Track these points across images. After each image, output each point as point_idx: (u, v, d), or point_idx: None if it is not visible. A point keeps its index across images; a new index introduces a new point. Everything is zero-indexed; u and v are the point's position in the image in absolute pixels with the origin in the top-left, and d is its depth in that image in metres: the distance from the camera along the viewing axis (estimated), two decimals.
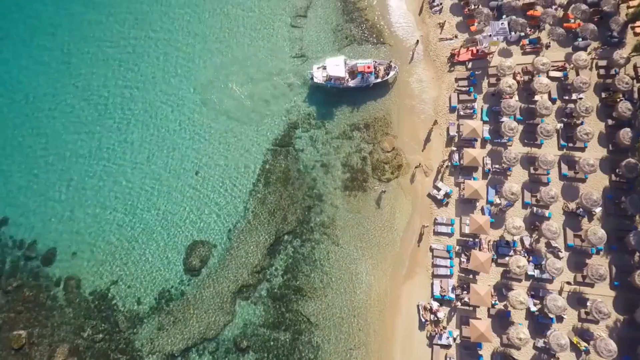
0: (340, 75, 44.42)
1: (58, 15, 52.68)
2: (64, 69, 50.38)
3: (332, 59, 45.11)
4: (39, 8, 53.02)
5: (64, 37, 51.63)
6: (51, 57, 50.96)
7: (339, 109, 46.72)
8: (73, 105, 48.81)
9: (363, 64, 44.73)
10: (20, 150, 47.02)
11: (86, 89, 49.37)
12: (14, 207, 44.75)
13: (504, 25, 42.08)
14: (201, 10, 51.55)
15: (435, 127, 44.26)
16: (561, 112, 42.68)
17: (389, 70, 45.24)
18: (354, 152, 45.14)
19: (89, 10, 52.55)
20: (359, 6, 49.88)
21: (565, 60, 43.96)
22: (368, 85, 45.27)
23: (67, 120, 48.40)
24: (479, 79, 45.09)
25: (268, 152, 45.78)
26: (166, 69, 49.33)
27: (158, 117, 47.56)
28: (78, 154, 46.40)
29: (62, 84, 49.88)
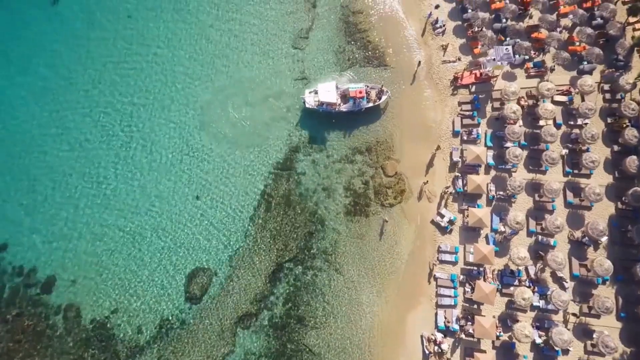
0: (332, 100, 44.12)
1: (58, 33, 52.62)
2: (67, 86, 50.07)
3: (324, 84, 44.83)
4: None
5: (63, 58, 51.43)
6: (52, 74, 50.74)
7: (341, 132, 46.25)
8: (71, 129, 48.54)
9: (355, 88, 44.30)
10: (20, 177, 46.65)
11: (84, 114, 49.06)
12: (14, 233, 44.36)
13: (508, 51, 41.56)
14: (199, 33, 51.05)
15: (438, 152, 43.77)
16: (566, 138, 42.13)
17: (381, 94, 44.82)
18: (356, 176, 44.67)
19: (91, 29, 52.37)
20: (361, 28, 49.40)
21: (570, 85, 43.46)
22: (360, 110, 44.88)
23: (68, 144, 48.11)
24: (483, 102, 44.59)
25: (269, 175, 45.35)
26: (165, 92, 48.88)
27: (156, 141, 47.07)
28: (77, 181, 46.00)
29: (64, 101, 49.59)
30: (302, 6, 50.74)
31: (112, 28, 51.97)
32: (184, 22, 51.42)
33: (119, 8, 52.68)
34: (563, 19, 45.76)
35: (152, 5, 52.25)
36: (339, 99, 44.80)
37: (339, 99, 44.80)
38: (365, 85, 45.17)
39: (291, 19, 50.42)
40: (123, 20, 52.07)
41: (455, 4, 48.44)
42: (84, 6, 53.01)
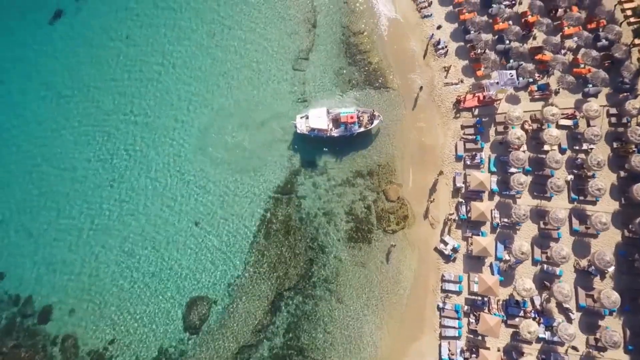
0: (322, 127, 43.66)
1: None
2: (64, 109, 49.62)
3: (315, 110, 44.40)
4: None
5: (62, 77, 50.88)
6: (50, 94, 50.29)
7: (342, 155, 45.55)
8: (68, 155, 48.02)
9: (346, 113, 43.72)
10: (18, 202, 46.10)
11: (79, 140, 48.53)
12: (10, 261, 43.76)
13: (512, 76, 40.84)
14: (198, 55, 50.36)
15: (441, 177, 43.04)
16: (571, 163, 41.38)
17: (373, 119, 44.16)
18: (358, 201, 43.98)
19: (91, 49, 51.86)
20: (362, 49, 48.72)
21: (575, 108, 42.73)
22: (352, 135, 44.29)
23: (64, 165, 47.62)
24: (486, 126, 43.87)
25: (269, 200, 44.66)
26: (163, 114, 48.28)
27: (154, 165, 46.47)
28: (75, 209, 45.43)
29: (59, 128, 49.08)
30: (302, 27, 50.08)
31: (111, 48, 51.39)
32: (182, 44, 50.74)
33: (117, 28, 52.09)
34: (567, 40, 45.12)
35: (150, 27, 51.59)
36: (331, 124, 44.25)
37: (331, 124, 44.25)
38: (357, 109, 44.57)
39: (291, 40, 49.77)
40: (121, 40, 51.45)
41: (457, 24, 47.75)
42: (82, 26, 52.45)
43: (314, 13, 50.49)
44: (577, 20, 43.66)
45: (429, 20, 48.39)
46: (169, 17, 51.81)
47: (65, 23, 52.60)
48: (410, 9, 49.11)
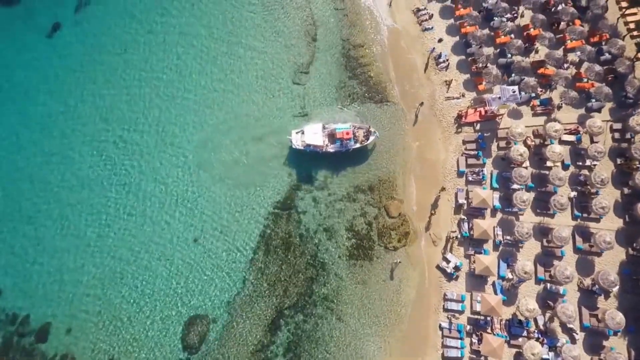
0: (318, 143, 43.41)
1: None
2: (65, 119, 49.24)
3: (310, 126, 44.10)
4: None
5: (59, 90, 50.49)
6: (47, 107, 49.84)
7: (342, 169, 45.11)
8: (71, 162, 47.71)
9: (342, 129, 43.41)
10: (17, 220, 45.72)
11: (82, 152, 48.09)
12: (7, 279, 43.30)
13: (514, 92, 40.39)
14: (196, 68, 49.88)
15: (443, 193, 42.57)
16: (575, 179, 40.88)
17: (369, 135, 43.82)
18: (359, 216, 43.51)
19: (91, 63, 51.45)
20: (362, 62, 48.29)
21: (578, 123, 42.26)
22: (348, 151, 43.96)
23: (64, 177, 47.23)
24: (488, 141, 43.41)
25: (269, 215, 44.16)
26: (163, 128, 47.82)
27: (152, 182, 45.95)
28: (75, 226, 44.95)
29: (59, 143, 48.66)
30: (302, 40, 49.68)
31: (109, 61, 50.98)
32: (181, 57, 50.29)
33: (116, 42, 51.67)
34: (570, 53, 44.67)
35: (150, 41, 51.16)
36: (326, 139, 43.95)
37: (326, 139, 43.95)
38: (352, 125, 44.20)
39: (291, 53, 49.34)
40: (120, 53, 51.06)
41: (459, 37, 47.33)
42: (81, 39, 52.02)
43: (314, 26, 50.09)
44: (580, 34, 43.19)
45: (430, 33, 47.96)
46: (168, 31, 51.33)
47: (63, 36, 52.14)
48: (411, 22, 48.69)
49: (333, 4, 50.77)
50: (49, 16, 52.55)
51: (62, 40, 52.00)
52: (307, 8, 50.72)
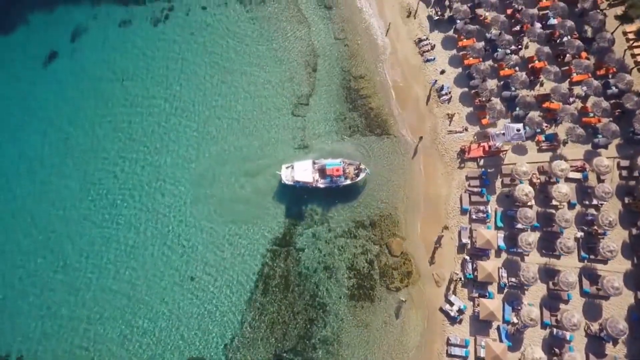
0: (307, 180, 42.58)
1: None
2: (63, 146, 48.34)
3: (301, 163, 43.28)
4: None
5: (54, 122, 49.64)
6: (42, 138, 48.91)
7: (342, 204, 44.13)
8: (61, 197, 46.74)
9: (332, 165, 42.65)
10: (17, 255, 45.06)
11: (76, 183, 47.16)
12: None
13: (519, 131, 39.39)
14: (194, 98, 48.93)
15: (446, 232, 41.54)
16: (581, 219, 39.80)
17: (359, 172, 42.96)
18: (360, 254, 42.50)
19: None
20: (363, 94, 47.31)
21: (585, 160, 41.24)
22: (338, 187, 43.13)
23: (57, 212, 46.32)
24: (492, 178, 42.38)
25: (267, 253, 43.13)
26: (158, 160, 46.78)
27: (147, 217, 44.91)
28: (65, 266, 44.07)
29: (56, 172, 47.74)
30: (302, 71, 48.76)
31: (107, 90, 50.05)
32: (180, 88, 49.36)
33: (113, 70, 50.79)
34: (576, 86, 43.70)
35: (147, 72, 50.20)
36: (317, 174, 43.18)
37: (317, 174, 43.18)
38: (343, 161, 43.36)
39: (291, 85, 48.41)
40: (118, 82, 50.17)
41: (461, 69, 46.38)
42: (78, 68, 51.10)
43: (314, 56, 49.18)
44: (586, 69, 42.21)
45: (432, 64, 47.02)
46: (167, 62, 50.41)
47: (59, 65, 51.25)
48: (413, 53, 47.74)
49: (333, 33, 49.86)
50: (45, 45, 51.58)
51: (58, 69, 51.06)
52: (307, 38, 49.82)
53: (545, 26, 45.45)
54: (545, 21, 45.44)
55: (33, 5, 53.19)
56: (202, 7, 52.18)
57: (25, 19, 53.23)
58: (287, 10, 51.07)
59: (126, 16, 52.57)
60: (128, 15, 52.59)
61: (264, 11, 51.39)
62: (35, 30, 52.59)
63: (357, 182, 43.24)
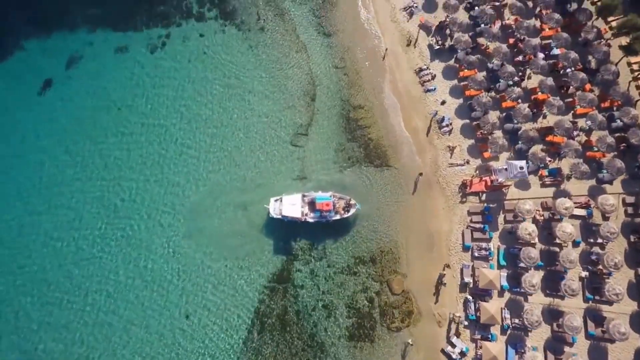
0: (296, 215, 41.67)
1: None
2: (58, 179, 47.60)
3: (289, 197, 42.35)
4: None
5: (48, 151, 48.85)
6: (36, 169, 48.15)
7: (342, 238, 43.31)
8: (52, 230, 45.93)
9: (322, 200, 41.67)
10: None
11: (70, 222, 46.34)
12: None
13: (522, 169, 38.44)
14: (190, 128, 48.14)
15: (448, 269, 40.55)
16: (586, 258, 38.87)
17: (349, 207, 42.08)
18: (360, 292, 41.55)
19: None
20: (362, 124, 46.45)
21: (589, 196, 40.33)
22: (328, 222, 42.18)
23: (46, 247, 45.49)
24: (494, 213, 41.46)
25: (264, 289, 42.20)
26: (153, 193, 46.03)
27: (143, 250, 44.06)
28: (54, 303, 43.25)
29: (53, 201, 46.98)
30: (301, 100, 47.93)
31: (103, 119, 49.20)
32: (177, 118, 48.52)
33: (109, 98, 49.94)
34: (580, 119, 42.81)
35: (145, 101, 49.32)
36: (307, 207, 42.22)
37: (307, 207, 42.22)
38: (333, 195, 42.45)
39: (290, 114, 47.59)
40: (113, 112, 49.37)
41: (462, 100, 45.50)
42: (73, 97, 50.32)
43: (313, 85, 48.37)
44: (590, 102, 41.32)
45: (433, 94, 46.16)
46: (163, 90, 49.60)
47: (54, 93, 50.52)
48: (413, 82, 46.87)
49: (332, 61, 49.05)
50: (40, 72, 50.96)
51: (53, 98, 50.37)
52: (306, 66, 49.00)
53: (548, 56, 44.61)
54: (548, 51, 44.60)
55: (29, 32, 52.54)
56: (199, 34, 51.42)
57: (20, 45, 52.69)
58: (286, 38, 50.29)
59: (122, 43, 51.84)
60: (124, 42, 51.86)
61: (262, 39, 50.60)
62: (30, 57, 51.97)
63: (347, 218, 42.32)
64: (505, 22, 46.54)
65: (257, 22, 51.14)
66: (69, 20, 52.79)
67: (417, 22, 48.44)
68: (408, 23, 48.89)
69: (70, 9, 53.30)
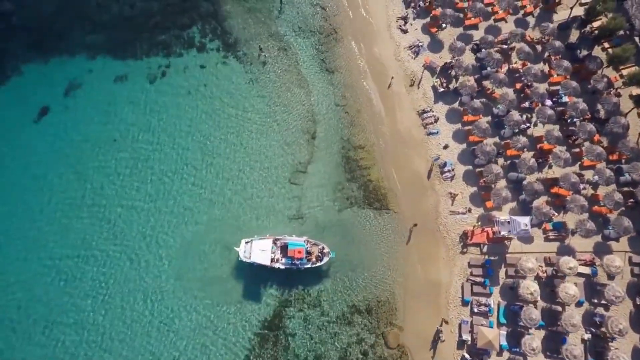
0: (264, 263, 40.28)
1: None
2: (51, 210, 45.81)
3: (260, 241, 40.93)
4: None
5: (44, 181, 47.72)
6: (28, 199, 46.55)
7: (339, 285, 41.86)
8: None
9: (294, 246, 40.43)
10: None
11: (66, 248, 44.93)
12: None
13: (527, 227, 37.20)
14: (191, 163, 46.91)
15: (446, 324, 39.18)
16: (589, 319, 37.42)
17: (323, 256, 40.80)
18: (354, 344, 40.12)
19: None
20: (362, 164, 45.31)
21: (594, 253, 38.98)
22: (299, 270, 40.94)
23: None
24: (495, 267, 40.12)
25: (254, 337, 40.57)
26: (137, 232, 44.35)
27: (124, 297, 42.14)
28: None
29: (43, 234, 45.46)
30: (301, 137, 46.77)
31: (100, 150, 47.86)
32: (173, 154, 47.31)
33: (108, 129, 48.74)
34: (587, 170, 41.54)
35: (143, 134, 48.11)
36: (279, 251, 40.96)
37: (279, 251, 40.96)
38: (307, 241, 41.21)
39: (289, 151, 46.39)
40: (109, 144, 48.35)
41: (466, 145, 44.33)
42: (70, 126, 49.21)
43: (313, 123, 47.29)
44: (598, 156, 39.98)
45: (435, 138, 45.02)
46: (162, 121, 48.37)
47: (51, 121, 49.41)
48: (415, 125, 45.77)
49: (334, 99, 48.02)
50: (36, 99, 49.85)
51: (49, 126, 49.19)
52: (307, 103, 47.97)
53: (556, 103, 43.42)
54: (557, 98, 43.40)
55: (27, 57, 51.62)
56: (200, 65, 50.50)
57: (18, 70, 51.62)
58: (288, 73, 49.30)
59: (122, 71, 50.88)
60: (124, 71, 50.91)
61: (264, 73, 49.63)
62: (28, 83, 50.91)
63: (320, 267, 41.07)
64: (512, 66, 45.41)
65: (259, 56, 50.18)
66: (68, 45, 51.83)
67: (422, 62, 47.40)
68: (412, 62, 47.89)
69: (71, 35, 52.47)
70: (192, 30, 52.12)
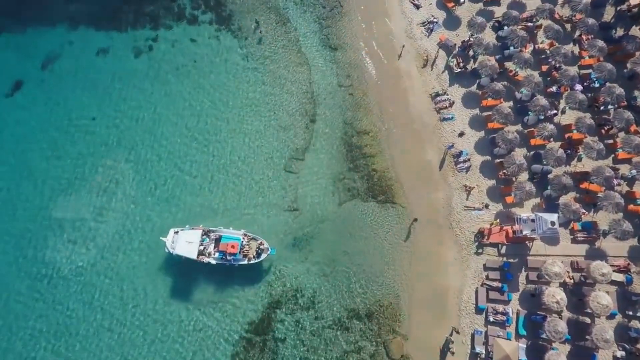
0: (190, 256, 36.01)
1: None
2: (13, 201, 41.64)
3: (187, 232, 36.55)
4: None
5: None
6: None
7: (336, 285, 37.39)
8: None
9: (228, 239, 36.12)
10: None
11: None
12: None
13: (554, 226, 32.42)
14: (179, 146, 42.28)
15: (457, 334, 34.45)
16: (622, 333, 32.63)
17: (261, 252, 36.44)
18: (352, 352, 35.48)
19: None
20: (366, 152, 40.59)
21: (629, 258, 34.14)
22: (233, 266, 36.51)
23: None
24: (515, 271, 35.33)
25: (240, 341, 36.08)
26: (123, 224, 39.92)
27: (107, 305, 37.83)
28: None
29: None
30: (299, 121, 42.13)
31: (73, 131, 43.37)
32: (157, 134, 42.79)
33: (87, 105, 44.26)
34: (622, 164, 36.67)
35: (126, 112, 43.61)
36: (212, 245, 36.69)
37: (212, 245, 36.69)
38: (244, 235, 36.87)
39: (285, 136, 41.75)
40: (91, 119, 43.74)
41: (484, 133, 39.54)
42: (46, 101, 44.75)
43: (313, 104, 42.60)
44: (636, 148, 35.06)
45: (450, 123, 40.22)
46: (147, 98, 43.95)
47: (26, 95, 45.09)
48: (427, 109, 40.97)
49: (337, 79, 43.27)
50: (10, 72, 45.54)
51: (23, 101, 44.93)
52: (307, 83, 43.26)
53: (588, 88, 38.56)
54: (588, 83, 38.52)
55: (1, 25, 47.25)
56: (190, 39, 45.89)
57: None
58: (287, 50, 44.53)
59: (105, 44, 46.40)
60: (107, 43, 46.41)
61: (260, 48, 44.91)
62: (1, 53, 46.56)
63: (259, 263, 36.75)
64: (539, 46, 40.55)
65: (255, 30, 45.49)
66: (48, 14, 47.36)
67: (437, 40, 42.59)
68: (426, 40, 43.07)
69: (51, 2, 47.98)
70: (182, 1, 47.50)
